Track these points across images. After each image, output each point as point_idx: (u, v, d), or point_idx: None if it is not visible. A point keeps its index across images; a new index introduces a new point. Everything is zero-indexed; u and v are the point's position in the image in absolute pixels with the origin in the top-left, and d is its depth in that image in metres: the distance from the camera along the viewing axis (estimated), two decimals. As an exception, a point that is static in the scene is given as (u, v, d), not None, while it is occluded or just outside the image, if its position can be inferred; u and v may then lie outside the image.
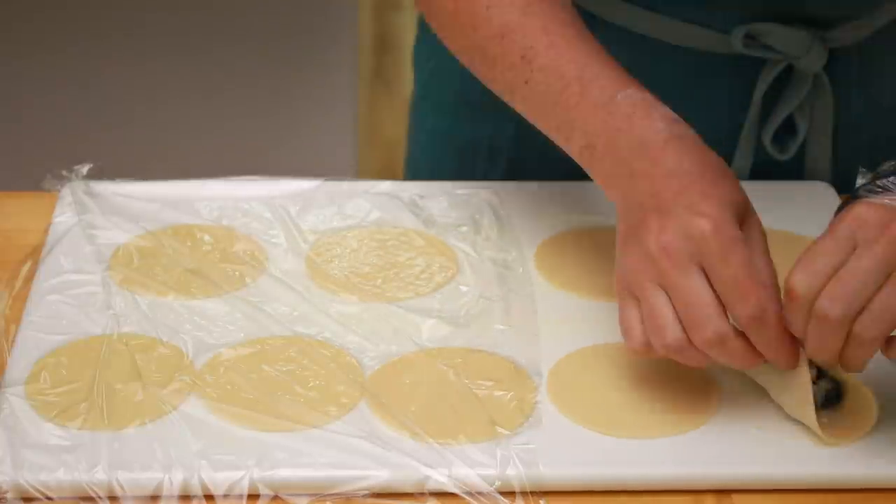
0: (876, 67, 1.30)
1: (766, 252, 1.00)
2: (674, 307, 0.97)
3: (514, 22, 1.10)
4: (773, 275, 0.99)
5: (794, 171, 1.31)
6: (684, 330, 0.97)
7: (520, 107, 1.11)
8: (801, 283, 0.96)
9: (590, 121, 1.05)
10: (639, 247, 0.99)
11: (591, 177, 1.06)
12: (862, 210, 0.96)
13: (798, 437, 1.01)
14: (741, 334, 0.98)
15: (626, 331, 1.00)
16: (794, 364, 0.99)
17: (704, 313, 0.96)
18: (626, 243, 1.01)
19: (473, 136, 1.35)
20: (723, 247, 0.97)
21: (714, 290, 0.97)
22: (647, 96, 1.05)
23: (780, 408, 1.02)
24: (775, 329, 0.98)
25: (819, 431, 0.99)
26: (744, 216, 1.00)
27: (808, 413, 0.99)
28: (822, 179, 1.31)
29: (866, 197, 0.99)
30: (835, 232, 0.97)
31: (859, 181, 1.10)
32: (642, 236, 0.99)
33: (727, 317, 0.97)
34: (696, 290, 0.97)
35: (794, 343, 0.99)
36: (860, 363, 0.97)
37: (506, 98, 1.12)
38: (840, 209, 1.02)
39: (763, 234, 1.01)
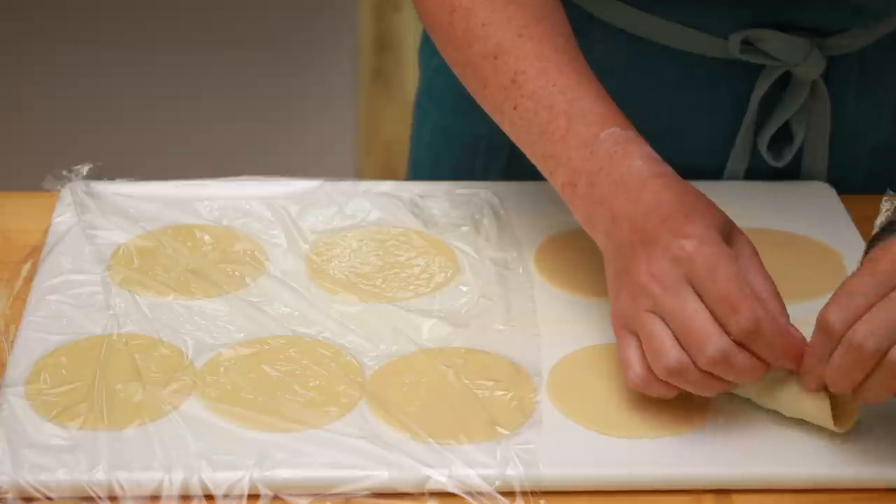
0: (875, 74, 1.29)
1: (761, 267, 1.00)
2: (672, 332, 0.97)
3: (508, 43, 1.09)
4: (771, 287, 0.99)
5: (789, 177, 1.31)
6: (686, 352, 0.97)
7: (507, 129, 1.11)
8: (839, 320, 0.96)
9: (573, 157, 1.05)
10: (630, 281, 1.00)
11: (573, 213, 1.07)
12: None
13: (798, 437, 1.01)
14: (743, 349, 0.97)
15: (624, 366, 1.00)
16: (800, 364, 0.99)
17: (703, 332, 0.96)
18: (617, 283, 1.01)
19: (473, 133, 1.35)
20: (708, 263, 0.97)
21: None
22: (631, 135, 1.05)
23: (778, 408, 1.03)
24: (774, 337, 0.97)
25: (831, 424, 1.00)
26: (729, 234, 1.01)
27: (822, 406, 0.99)
28: (817, 185, 1.31)
29: None
30: (874, 271, 0.96)
31: (885, 205, 1.10)
32: (632, 271, 1.00)
33: (725, 334, 0.97)
34: (691, 310, 0.97)
35: (797, 344, 0.99)
36: (884, 394, 0.97)
37: (494, 118, 1.12)
38: (873, 241, 1.02)
39: (754, 250, 1.01)
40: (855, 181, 1.32)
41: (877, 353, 0.95)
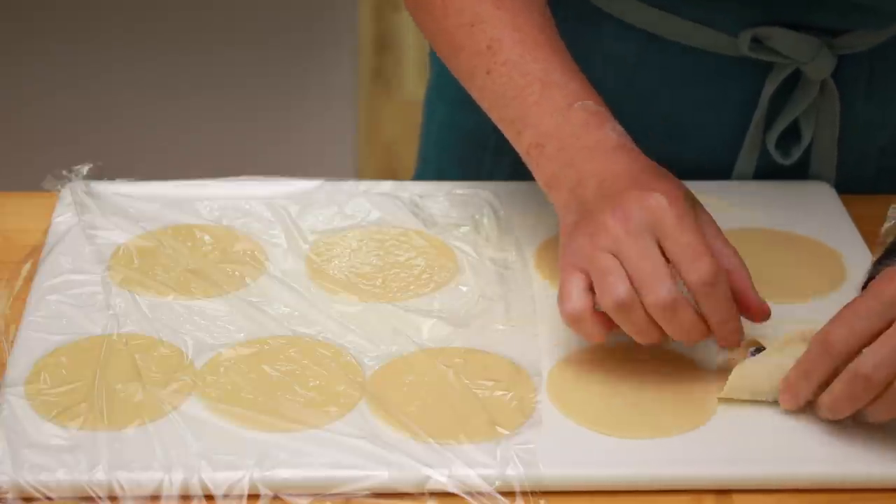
0: (884, 73, 1.29)
1: (722, 236, 1.02)
2: (626, 272, 0.99)
3: (485, 13, 1.12)
4: (736, 253, 1.02)
5: (797, 176, 1.31)
6: (636, 291, 0.99)
7: (477, 94, 1.14)
8: (842, 340, 0.97)
9: (545, 121, 1.08)
10: (591, 224, 1.01)
11: (534, 174, 1.09)
12: None
13: (798, 437, 1.01)
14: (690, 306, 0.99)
15: (563, 298, 1.01)
16: (737, 337, 1.01)
17: (659, 275, 0.98)
18: (574, 230, 1.03)
19: (481, 129, 1.35)
20: (679, 216, 0.99)
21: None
22: (603, 110, 1.08)
23: (780, 409, 1.02)
24: (725, 296, 1.00)
25: None
26: (693, 206, 1.02)
27: None
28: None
29: None
30: (880, 296, 0.98)
31: (894, 211, 1.11)
32: (595, 216, 1.01)
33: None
34: (651, 254, 0.99)
35: (760, 308, 1.02)
36: (885, 418, 0.99)
37: (465, 84, 1.15)
38: (878, 260, 1.03)
39: (718, 228, 1.03)
40: (863, 180, 1.32)
41: (884, 384, 0.97)
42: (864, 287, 1.03)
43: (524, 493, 0.95)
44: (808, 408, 1.02)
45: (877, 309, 0.97)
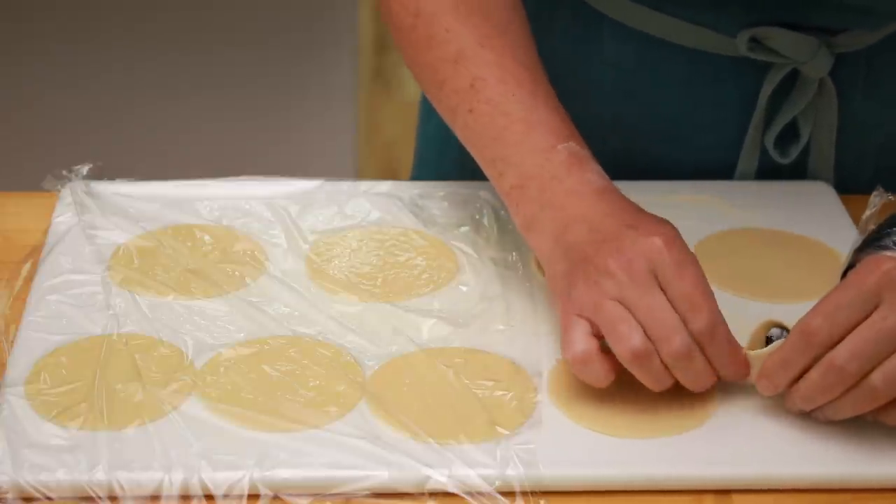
0: (882, 72, 1.29)
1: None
2: (637, 321, 0.98)
3: (469, 50, 1.11)
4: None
5: (796, 175, 1.31)
6: (651, 341, 0.98)
7: (459, 132, 1.13)
8: (822, 330, 0.97)
9: (526, 162, 1.07)
10: (592, 270, 1.00)
11: (513, 216, 1.08)
12: (892, 268, 0.97)
13: (798, 437, 1.01)
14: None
15: (567, 342, 1.00)
16: (742, 375, 1.01)
17: (670, 325, 0.98)
18: (572, 276, 1.02)
19: None
20: (677, 260, 0.99)
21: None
22: (586, 152, 1.07)
23: (780, 408, 1.02)
24: (727, 342, 0.99)
25: None
26: (685, 244, 1.02)
27: None
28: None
29: (892, 250, 0.99)
30: (861, 286, 0.97)
31: (875, 200, 1.11)
32: (595, 262, 1.00)
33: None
34: (658, 303, 0.98)
35: (743, 357, 1.01)
36: (851, 413, 0.99)
37: (446, 119, 1.14)
38: (859, 249, 1.03)
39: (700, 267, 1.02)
40: (861, 179, 1.32)
41: (857, 376, 0.97)
42: (844, 275, 1.03)
43: (524, 493, 0.95)
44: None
45: (857, 299, 0.97)
